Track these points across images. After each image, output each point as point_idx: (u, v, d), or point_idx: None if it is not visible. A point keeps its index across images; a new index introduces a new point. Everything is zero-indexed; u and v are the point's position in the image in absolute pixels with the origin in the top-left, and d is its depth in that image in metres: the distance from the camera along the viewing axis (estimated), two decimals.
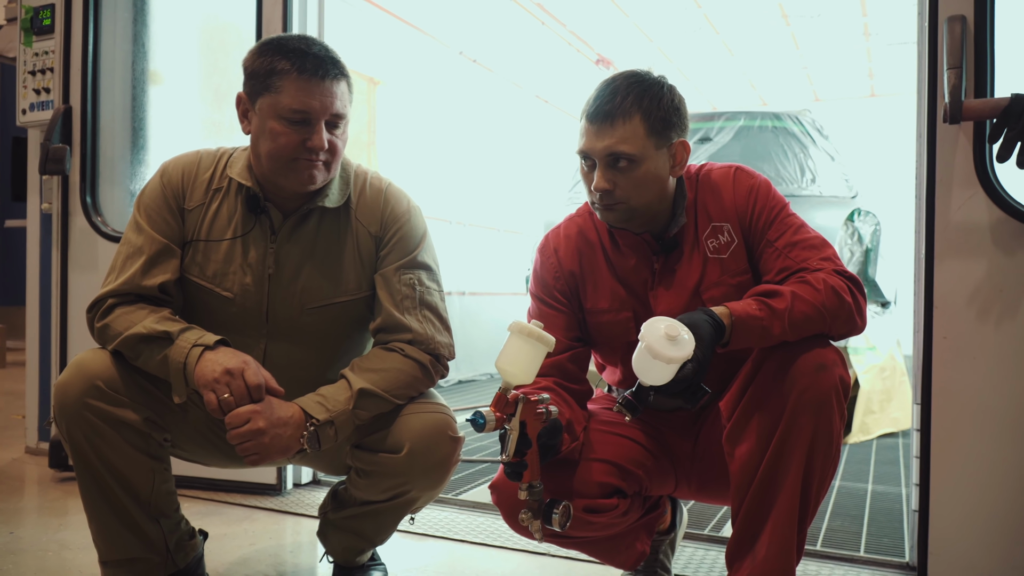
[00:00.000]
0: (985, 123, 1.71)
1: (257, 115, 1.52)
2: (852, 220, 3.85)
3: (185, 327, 1.50)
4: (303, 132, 1.49)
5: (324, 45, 1.54)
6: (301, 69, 1.47)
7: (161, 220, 1.60)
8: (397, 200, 1.69)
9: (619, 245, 1.59)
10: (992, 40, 1.74)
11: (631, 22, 6.90)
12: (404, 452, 1.52)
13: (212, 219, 1.62)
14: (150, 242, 1.58)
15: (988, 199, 1.72)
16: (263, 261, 1.61)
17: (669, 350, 1.25)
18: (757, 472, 1.38)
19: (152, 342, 1.48)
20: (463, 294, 6.03)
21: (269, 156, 1.52)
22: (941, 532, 1.77)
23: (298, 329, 1.63)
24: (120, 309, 1.54)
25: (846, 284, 1.40)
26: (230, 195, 1.62)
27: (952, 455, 1.77)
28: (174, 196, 1.61)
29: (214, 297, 1.61)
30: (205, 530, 1.74)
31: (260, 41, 1.55)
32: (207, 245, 1.61)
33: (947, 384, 1.78)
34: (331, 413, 1.48)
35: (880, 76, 8.65)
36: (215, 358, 1.44)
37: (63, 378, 1.49)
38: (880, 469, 3.14)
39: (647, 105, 1.44)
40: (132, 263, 1.56)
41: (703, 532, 2.22)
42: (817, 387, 1.34)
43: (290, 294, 1.61)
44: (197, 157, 1.66)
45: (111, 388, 1.48)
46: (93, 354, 1.53)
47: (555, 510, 1.34)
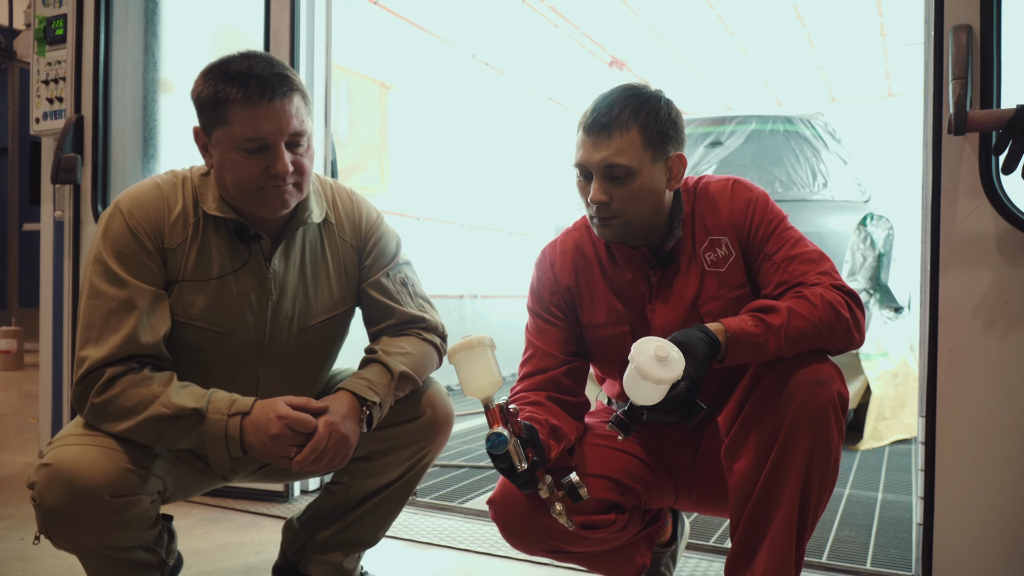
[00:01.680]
0: (991, 134, 1.69)
1: (216, 148, 1.46)
2: (865, 225, 3.81)
3: (207, 396, 1.42)
4: (265, 159, 1.43)
5: (269, 61, 1.45)
6: (247, 96, 1.39)
7: (142, 266, 1.46)
8: (368, 207, 1.73)
9: (616, 259, 1.58)
10: (999, 50, 1.72)
11: (644, 24, 6.87)
12: (427, 415, 1.66)
13: (198, 257, 1.51)
14: (140, 294, 1.44)
15: (994, 210, 1.70)
16: (263, 290, 1.56)
17: (658, 371, 1.25)
18: (755, 487, 1.38)
19: (178, 420, 1.39)
20: (475, 297, 6.04)
21: (235, 187, 1.47)
22: (945, 546, 1.76)
23: (290, 349, 1.63)
24: (123, 381, 1.40)
25: (844, 299, 1.39)
26: (210, 229, 1.53)
27: (957, 468, 1.75)
28: (150, 237, 1.47)
29: (206, 334, 1.53)
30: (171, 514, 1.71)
31: (205, 67, 1.46)
32: (195, 284, 1.51)
33: (952, 396, 1.76)
34: (380, 396, 1.53)
35: (897, 76, 8.56)
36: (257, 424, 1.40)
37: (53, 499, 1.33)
38: (891, 477, 3.11)
39: (644, 118, 1.44)
40: (122, 320, 1.42)
41: (707, 543, 2.21)
42: (814, 402, 1.33)
43: (286, 317, 1.60)
44: (158, 190, 1.52)
45: (115, 494, 1.37)
46: (78, 454, 1.36)
47: (577, 487, 1.35)
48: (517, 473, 1.32)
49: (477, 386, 1.30)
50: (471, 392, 1.31)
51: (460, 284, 5.91)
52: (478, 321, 5.96)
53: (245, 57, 1.45)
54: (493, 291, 6.20)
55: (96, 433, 1.41)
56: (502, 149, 6.43)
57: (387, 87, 5.09)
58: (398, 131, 5.22)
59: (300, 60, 2.51)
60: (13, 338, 6.47)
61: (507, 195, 6.55)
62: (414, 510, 2.52)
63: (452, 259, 5.83)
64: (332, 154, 2.65)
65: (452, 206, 5.86)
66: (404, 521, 2.38)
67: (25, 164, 7.30)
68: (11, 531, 2.27)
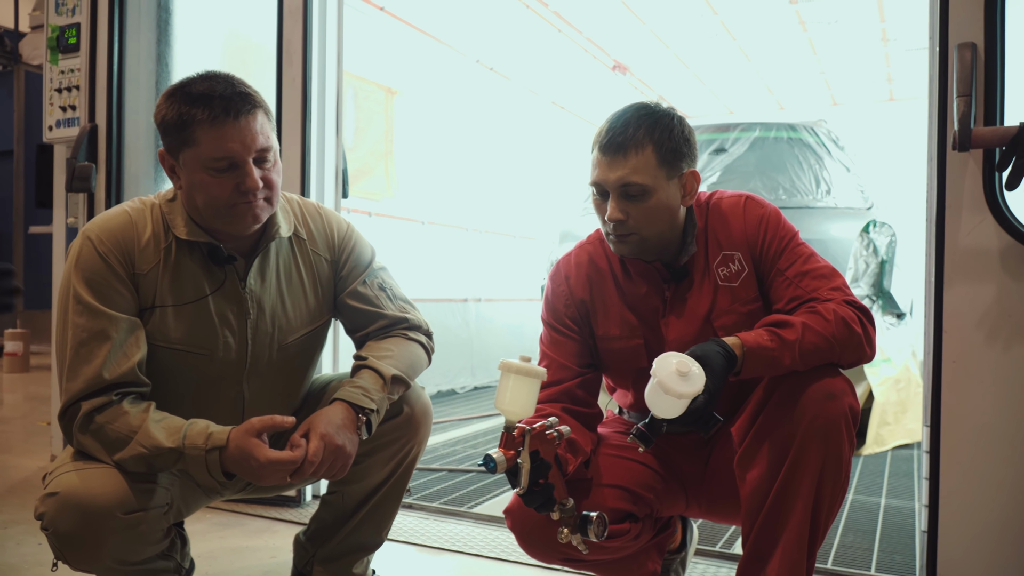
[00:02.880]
0: (995, 150, 1.72)
1: (184, 169, 1.47)
2: (867, 232, 3.85)
3: (183, 431, 1.41)
4: (234, 177, 1.45)
5: (229, 80, 1.47)
6: (212, 116, 1.42)
7: (115, 294, 1.46)
8: (338, 220, 1.76)
9: (630, 273, 1.62)
10: (1002, 67, 1.75)
11: (647, 28, 6.92)
12: (405, 412, 1.70)
13: (172, 282, 1.52)
14: (112, 323, 1.44)
15: (997, 225, 1.74)
16: (241, 309, 1.58)
17: (680, 386, 1.28)
18: (768, 497, 1.41)
19: (159, 457, 1.40)
20: (479, 300, 6.08)
21: (206, 207, 1.48)
22: (950, 553, 1.79)
23: (272, 365, 1.65)
24: (100, 417, 1.41)
25: (856, 314, 1.43)
26: (183, 253, 1.54)
27: (961, 476, 1.79)
28: (121, 264, 1.47)
29: (187, 357, 1.54)
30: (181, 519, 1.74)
31: (165, 90, 1.48)
32: (173, 309, 1.52)
33: (956, 406, 1.80)
34: (376, 402, 1.55)
35: (899, 80, 8.60)
36: (238, 462, 1.40)
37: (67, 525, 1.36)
38: (894, 482, 3.14)
39: (658, 136, 1.48)
40: (94, 351, 1.42)
41: (714, 548, 2.25)
42: (827, 415, 1.37)
43: (266, 334, 1.62)
44: (127, 216, 1.52)
45: (127, 510, 1.40)
46: (83, 479, 1.39)
47: (589, 523, 1.38)
48: (522, 494, 1.35)
49: (510, 408, 1.32)
50: (502, 408, 1.33)
51: (464, 288, 5.95)
52: (481, 325, 6.00)
53: (206, 78, 1.46)
54: (496, 295, 6.23)
55: (90, 459, 1.44)
56: (506, 153, 6.46)
57: (393, 92, 5.13)
58: (403, 136, 5.26)
59: (312, 71, 2.55)
60: (19, 340, 6.51)
61: (510, 199, 6.58)
62: (424, 515, 2.55)
63: (456, 263, 5.86)
64: (344, 164, 2.68)
65: (456, 210, 5.89)
66: (414, 526, 2.42)
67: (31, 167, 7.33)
68: (28, 536, 2.31)
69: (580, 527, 1.39)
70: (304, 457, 1.43)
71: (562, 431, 1.37)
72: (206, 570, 2.04)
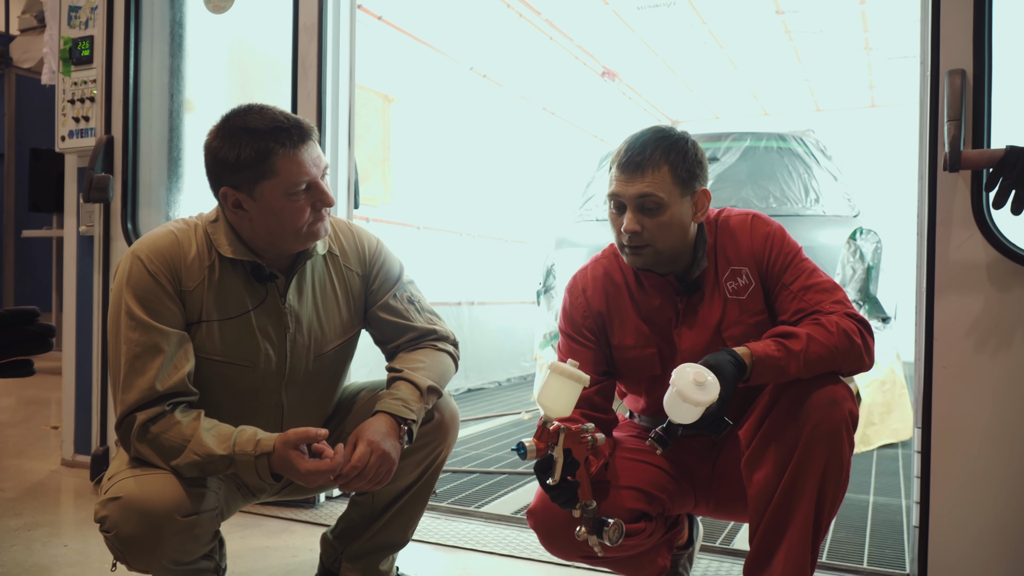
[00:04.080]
0: (983, 171, 1.85)
1: (258, 201, 1.55)
2: (854, 239, 3.98)
3: (232, 438, 1.51)
4: (311, 196, 1.57)
5: (283, 112, 1.58)
6: (291, 145, 1.53)
7: (165, 310, 1.55)
8: (368, 236, 1.86)
9: (644, 286, 1.72)
10: (990, 93, 1.87)
11: (637, 36, 7.04)
12: (436, 419, 1.78)
13: (217, 298, 1.61)
14: (163, 337, 1.54)
15: (985, 240, 1.86)
16: (280, 323, 1.67)
17: (697, 394, 1.40)
18: (774, 496, 1.52)
19: (211, 463, 1.50)
20: (472, 304, 6.17)
21: (283, 232, 1.58)
22: (940, 547, 1.91)
23: (308, 375, 1.74)
24: (155, 427, 1.51)
25: (856, 326, 1.54)
26: (227, 271, 1.63)
27: (951, 475, 1.91)
28: (170, 281, 1.56)
29: (230, 369, 1.64)
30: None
31: (218, 129, 1.56)
32: (218, 324, 1.62)
33: (946, 410, 1.91)
34: (415, 412, 1.64)
35: (880, 88, 8.79)
36: (285, 468, 1.49)
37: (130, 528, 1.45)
38: (881, 480, 3.27)
39: (674, 158, 1.59)
40: (147, 364, 1.52)
41: (715, 544, 2.36)
42: (830, 420, 1.48)
43: (303, 347, 1.71)
44: (173, 237, 1.62)
45: (184, 513, 1.49)
46: (141, 484, 1.49)
47: (606, 527, 1.48)
48: (548, 485, 1.47)
49: (551, 406, 1.45)
50: (543, 403, 1.45)
51: (458, 291, 6.04)
52: (475, 328, 6.09)
53: (258, 112, 1.55)
54: (490, 298, 6.33)
55: (146, 465, 1.53)
56: (499, 159, 6.56)
57: (390, 100, 5.21)
58: (400, 143, 5.34)
59: (327, 86, 2.64)
60: None
61: (504, 204, 6.68)
62: (436, 515, 2.65)
63: (451, 267, 5.95)
64: (355, 175, 2.77)
65: (451, 215, 5.98)
66: (428, 526, 2.51)
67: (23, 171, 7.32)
68: (52, 538, 2.38)
69: (597, 529, 1.49)
70: (342, 463, 1.52)
71: (597, 437, 1.48)
72: (232, 569, 2.11)
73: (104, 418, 2.97)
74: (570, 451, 1.45)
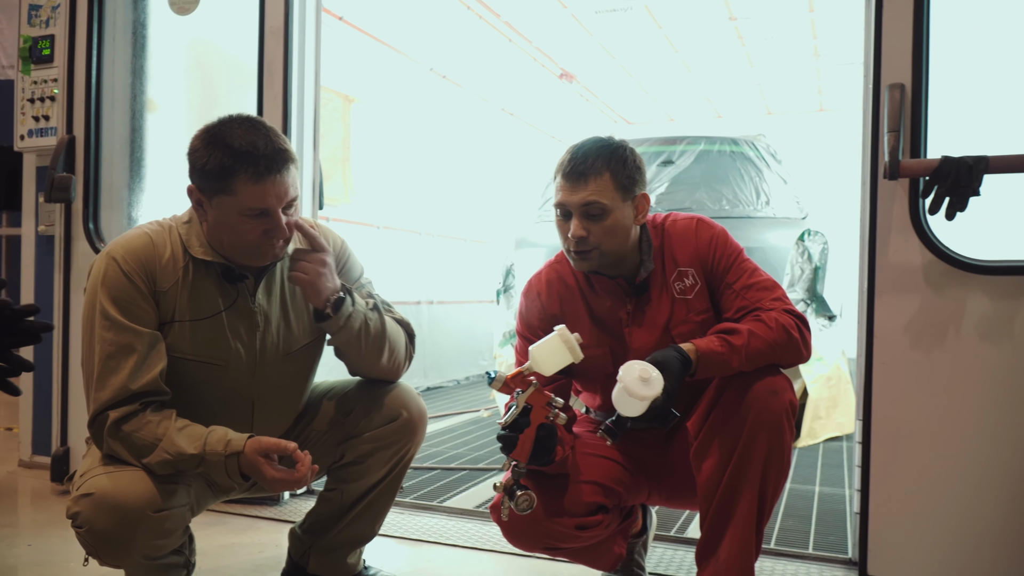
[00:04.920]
0: (920, 179, 1.97)
1: (214, 208, 1.59)
2: (803, 240, 4.14)
3: (204, 439, 1.55)
4: (264, 223, 1.58)
5: (268, 134, 1.56)
6: (256, 173, 1.53)
7: (139, 311, 1.59)
8: (333, 236, 1.91)
9: (596, 289, 1.82)
10: (927, 106, 2.00)
11: (595, 40, 7.15)
12: (403, 417, 1.84)
13: (191, 298, 1.65)
14: (138, 337, 1.57)
15: (921, 244, 1.99)
16: (250, 323, 1.71)
17: (642, 389, 1.49)
18: (720, 483, 1.62)
19: (182, 462, 1.54)
20: (432, 303, 6.22)
21: (232, 243, 1.62)
22: (879, 532, 2.04)
23: (278, 373, 1.79)
24: (127, 426, 1.54)
25: (794, 321, 1.65)
26: (200, 272, 1.66)
27: (889, 465, 2.03)
28: (144, 282, 1.60)
29: (202, 368, 1.67)
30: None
31: (203, 133, 1.58)
32: (190, 324, 1.65)
33: (885, 403, 2.04)
34: (354, 297, 1.72)
35: (828, 92, 9.06)
36: (254, 470, 1.54)
37: (104, 523, 1.48)
38: (826, 472, 3.42)
39: (615, 165, 1.68)
40: (120, 364, 1.55)
41: (669, 533, 2.46)
42: (771, 410, 1.59)
43: (273, 345, 1.75)
44: (148, 238, 1.65)
45: (156, 509, 1.52)
46: (114, 480, 1.52)
47: (514, 496, 1.56)
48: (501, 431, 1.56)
49: (538, 359, 1.56)
50: (533, 354, 1.56)
51: (418, 290, 6.08)
52: (435, 327, 6.14)
53: (246, 128, 1.56)
54: (449, 297, 6.38)
55: (118, 462, 1.57)
56: (458, 159, 6.62)
57: (351, 100, 5.23)
58: (361, 143, 5.37)
59: (293, 89, 2.67)
60: None
61: (463, 204, 6.74)
62: (400, 510, 2.70)
63: (411, 266, 5.99)
64: (320, 177, 2.81)
65: (411, 215, 6.02)
66: (393, 521, 2.57)
67: None
68: (17, 539, 2.38)
69: (510, 492, 1.57)
70: (305, 477, 1.57)
71: (560, 415, 1.57)
72: (200, 565, 2.14)
73: (65, 419, 2.96)
74: (531, 408, 1.55)
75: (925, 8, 1.98)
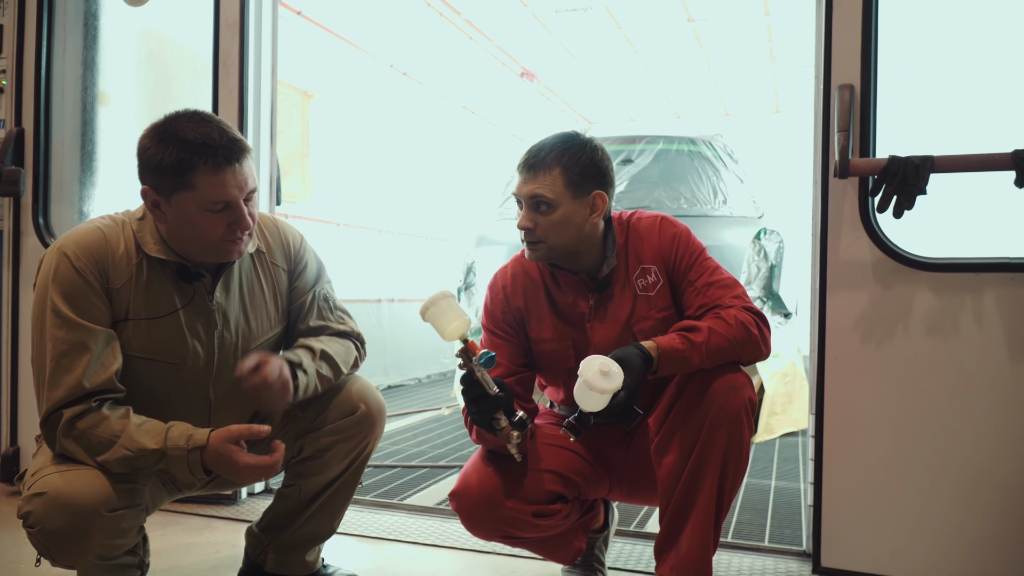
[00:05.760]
0: (868, 178, 2.02)
1: (173, 208, 1.55)
2: (759, 238, 4.21)
3: (164, 433, 1.52)
4: (227, 216, 1.56)
5: (220, 126, 1.55)
6: (215, 164, 1.51)
7: (92, 308, 1.55)
8: (292, 232, 1.90)
9: (559, 283, 1.83)
10: (875, 106, 2.05)
11: (555, 39, 7.18)
12: (362, 410, 1.83)
13: (146, 297, 1.61)
14: (91, 335, 1.54)
15: (871, 241, 2.03)
16: (208, 321, 1.69)
17: (602, 383, 1.50)
18: (680, 478, 1.64)
19: (142, 458, 1.50)
20: (392, 301, 6.19)
21: (195, 241, 1.59)
22: (832, 523, 2.08)
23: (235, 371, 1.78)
24: (82, 423, 1.51)
25: (753, 319, 1.67)
26: (154, 269, 1.63)
27: (841, 458, 2.08)
28: (97, 278, 1.56)
29: (158, 366, 1.65)
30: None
31: (152, 131, 1.54)
32: (146, 322, 1.62)
33: (837, 397, 2.08)
34: (305, 365, 1.70)
35: (784, 95, 9.23)
36: (219, 463, 1.52)
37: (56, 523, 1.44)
38: (782, 466, 3.48)
39: (567, 162, 1.70)
40: (74, 362, 1.51)
41: (629, 528, 2.49)
42: (730, 406, 1.61)
43: (231, 343, 1.74)
44: (100, 233, 1.61)
45: (111, 509, 1.49)
46: (68, 479, 1.47)
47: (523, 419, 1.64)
48: (490, 397, 1.58)
49: (452, 328, 1.56)
50: (450, 335, 1.56)
51: (378, 288, 6.05)
52: (395, 324, 6.11)
53: (197, 123, 1.53)
54: (409, 295, 6.36)
55: (71, 461, 1.52)
56: (419, 157, 6.60)
57: (309, 96, 5.18)
58: (320, 139, 5.32)
59: (249, 83, 2.64)
60: None
61: (423, 201, 6.72)
62: (360, 508, 2.69)
63: (370, 264, 5.96)
64: (277, 172, 2.78)
65: (371, 212, 5.99)
66: (353, 519, 2.55)
67: None
68: None
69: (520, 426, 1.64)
70: (280, 460, 1.56)
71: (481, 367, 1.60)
72: (154, 566, 2.10)
73: (14, 418, 2.88)
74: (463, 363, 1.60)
75: (874, 10, 2.03)
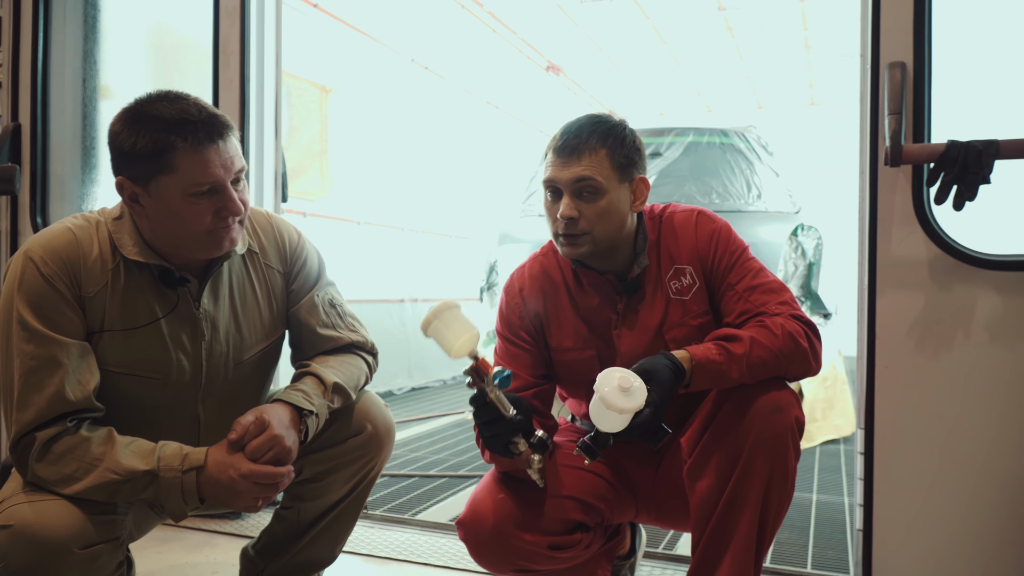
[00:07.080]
0: (923, 166, 1.81)
1: (154, 198, 1.39)
2: (796, 235, 3.99)
3: (156, 453, 1.38)
4: (215, 202, 1.41)
5: (197, 102, 1.41)
6: (196, 142, 1.36)
7: (63, 319, 1.39)
8: (288, 228, 1.72)
9: (583, 284, 1.64)
10: (930, 86, 1.84)
11: (581, 31, 7.00)
12: (368, 431, 1.67)
13: (122, 305, 1.46)
14: (63, 349, 1.38)
15: (926, 237, 1.82)
16: (195, 331, 1.53)
17: (622, 401, 1.31)
18: (717, 506, 1.45)
19: (130, 482, 1.36)
20: (415, 300, 6.05)
21: (182, 235, 1.43)
22: (884, 551, 1.88)
23: (227, 385, 1.61)
24: (59, 446, 1.35)
25: (803, 329, 1.47)
26: (132, 275, 1.47)
27: (894, 477, 1.87)
28: (67, 286, 1.40)
29: (138, 382, 1.49)
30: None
31: (121, 116, 1.39)
32: (123, 333, 1.46)
33: (888, 410, 1.88)
34: (315, 406, 1.52)
35: (820, 86, 8.93)
36: (217, 483, 1.38)
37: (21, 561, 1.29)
38: (824, 477, 3.27)
39: (611, 142, 1.51)
40: (45, 379, 1.35)
41: (658, 550, 2.30)
42: (774, 428, 1.41)
43: (221, 355, 1.58)
44: (71, 235, 1.44)
45: (84, 545, 1.34)
46: (37, 511, 1.32)
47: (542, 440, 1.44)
48: (507, 420, 1.39)
49: (460, 344, 1.35)
50: (456, 352, 1.35)
51: (401, 288, 5.91)
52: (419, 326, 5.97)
53: (170, 100, 1.39)
54: (433, 295, 6.21)
55: (43, 491, 1.36)
56: (441, 153, 6.45)
57: (327, 91, 5.06)
58: (338, 135, 5.20)
59: (251, 73, 2.49)
60: None
61: (446, 198, 6.58)
62: (368, 523, 2.53)
63: (392, 263, 5.83)
64: (283, 167, 2.63)
65: (392, 210, 5.86)
66: (360, 536, 2.40)
67: None
68: None
69: (539, 447, 1.44)
70: (290, 471, 1.42)
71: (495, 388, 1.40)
72: None
73: None
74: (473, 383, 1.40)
75: None
